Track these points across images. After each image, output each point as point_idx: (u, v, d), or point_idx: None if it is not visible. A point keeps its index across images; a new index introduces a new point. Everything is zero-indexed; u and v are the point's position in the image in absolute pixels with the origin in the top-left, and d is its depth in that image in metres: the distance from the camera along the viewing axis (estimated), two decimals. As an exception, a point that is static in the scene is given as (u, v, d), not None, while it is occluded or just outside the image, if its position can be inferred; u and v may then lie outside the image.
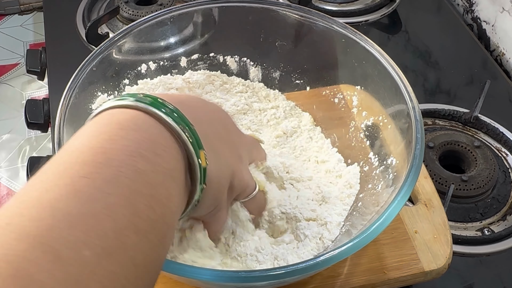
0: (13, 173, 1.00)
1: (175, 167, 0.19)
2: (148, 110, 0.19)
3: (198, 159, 0.20)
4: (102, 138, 0.17)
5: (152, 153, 0.18)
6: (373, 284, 0.31)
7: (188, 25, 0.40)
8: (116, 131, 0.18)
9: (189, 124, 0.20)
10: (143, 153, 0.17)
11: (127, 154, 0.17)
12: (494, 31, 0.59)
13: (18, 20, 1.27)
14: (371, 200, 0.32)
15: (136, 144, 0.17)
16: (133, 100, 0.19)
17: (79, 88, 0.32)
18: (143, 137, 0.18)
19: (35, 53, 0.57)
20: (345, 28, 0.35)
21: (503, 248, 0.39)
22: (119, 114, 0.19)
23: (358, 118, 0.37)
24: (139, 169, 0.17)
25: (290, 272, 0.23)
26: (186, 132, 0.19)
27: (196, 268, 0.24)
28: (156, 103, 0.19)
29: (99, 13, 0.60)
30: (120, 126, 0.18)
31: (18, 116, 1.05)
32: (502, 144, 0.47)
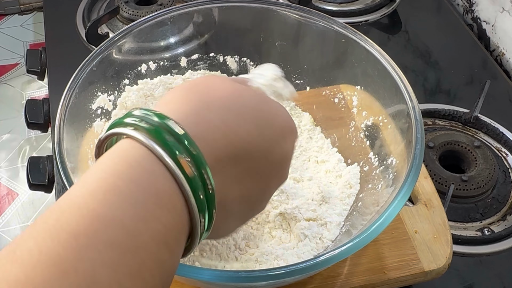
0: (13, 173, 1.00)
1: (184, 235, 0.17)
2: (161, 157, 0.17)
3: (200, 227, 0.17)
4: (129, 210, 0.15)
5: (175, 242, 0.16)
6: (373, 284, 0.31)
7: (188, 25, 0.40)
8: (152, 206, 0.16)
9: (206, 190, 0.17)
10: (169, 242, 0.16)
11: (157, 242, 0.15)
12: (494, 31, 0.59)
13: (18, 20, 1.27)
14: (371, 200, 0.32)
15: (167, 231, 0.16)
16: (147, 132, 0.17)
17: (79, 88, 0.32)
18: (174, 220, 0.16)
19: (35, 53, 0.57)
20: (345, 28, 0.35)
21: (503, 248, 0.39)
22: (134, 166, 0.16)
23: (358, 118, 0.37)
24: (160, 260, 0.15)
25: (290, 272, 0.23)
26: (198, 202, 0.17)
27: (196, 268, 0.24)
28: (170, 145, 0.17)
29: (99, 13, 0.60)
30: (156, 201, 0.16)
31: (18, 116, 1.05)
32: (502, 144, 0.47)
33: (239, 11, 0.38)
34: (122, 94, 0.36)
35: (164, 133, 0.17)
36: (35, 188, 0.46)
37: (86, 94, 0.33)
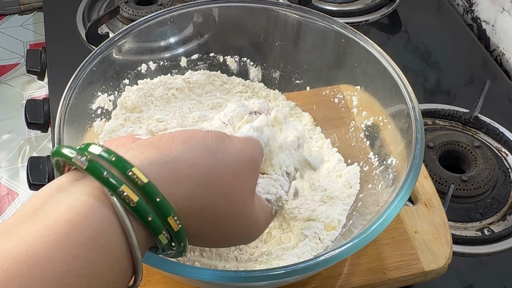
0: (13, 173, 1.00)
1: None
2: (108, 198, 0.16)
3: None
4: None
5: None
6: (373, 284, 0.31)
7: (188, 25, 0.40)
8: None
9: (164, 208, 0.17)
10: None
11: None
12: (494, 31, 0.59)
13: (18, 20, 1.27)
14: (371, 200, 0.32)
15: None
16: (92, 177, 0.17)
17: (79, 88, 0.32)
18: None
19: (35, 53, 0.57)
20: (345, 28, 0.35)
21: (503, 248, 0.39)
22: (77, 225, 0.16)
23: (358, 118, 0.37)
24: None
25: (290, 272, 0.23)
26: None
27: (196, 268, 0.24)
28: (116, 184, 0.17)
29: (99, 13, 0.60)
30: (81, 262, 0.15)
31: (18, 116, 1.05)
32: (502, 144, 0.47)
33: (239, 11, 0.38)
34: (122, 94, 0.36)
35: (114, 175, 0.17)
36: (35, 188, 0.46)
37: (86, 94, 0.33)
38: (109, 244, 0.16)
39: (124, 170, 0.17)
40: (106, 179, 0.17)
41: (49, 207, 0.16)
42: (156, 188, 0.17)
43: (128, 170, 0.17)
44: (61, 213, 0.16)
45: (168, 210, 0.18)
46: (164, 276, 0.30)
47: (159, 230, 0.18)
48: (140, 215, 0.17)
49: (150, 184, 0.17)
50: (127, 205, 0.17)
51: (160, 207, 0.17)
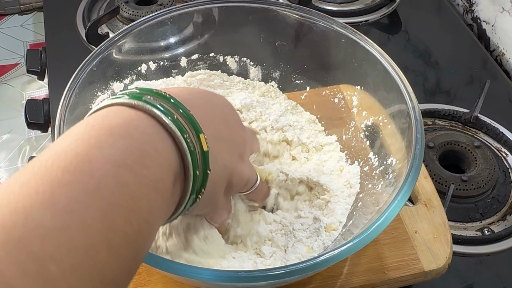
0: (13, 173, 1.00)
1: (161, 177, 0.18)
2: (146, 108, 0.18)
3: (196, 171, 0.19)
4: (90, 144, 0.17)
5: (138, 164, 0.17)
6: (373, 284, 0.31)
7: (188, 25, 0.40)
8: (106, 137, 0.17)
9: (192, 119, 0.20)
10: (129, 164, 0.17)
11: (113, 164, 0.16)
12: (494, 31, 0.59)
13: (18, 20, 1.27)
14: (371, 200, 0.32)
15: (123, 154, 0.17)
16: (129, 98, 0.19)
17: (79, 88, 0.32)
18: (132, 146, 0.17)
19: (35, 53, 0.57)
20: (345, 28, 0.35)
21: (503, 248, 0.39)
22: (112, 117, 0.18)
23: (358, 118, 0.37)
24: (121, 181, 0.16)
25: (289, 272, 0.23)
26: (186, 136, 0.19)
27: (196, 268, 0.24)
28: (153, 101, 0.19)
29: (99, 13, 0.60)
30: (111, 132, 0.17)
31: (18, 116, 1.05)
32: (502, 144, 0.47)
33: (239, 11, 0.38)
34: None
35: (147, 93, 0.19)
36: (35, 188, 0.46)
37: (86, 94, 0.33)
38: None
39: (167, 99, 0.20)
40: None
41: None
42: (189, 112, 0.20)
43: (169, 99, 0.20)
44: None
45: (199, 129, 0.20)
46: (164, 276, 0.30)
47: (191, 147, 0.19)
48: (180, 129, 0.19)
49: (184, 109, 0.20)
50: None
51: (194, 124, 0.20)
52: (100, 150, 0.16)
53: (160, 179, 0.18)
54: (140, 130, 0.18)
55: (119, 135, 0.17)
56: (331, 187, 0.34)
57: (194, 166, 0.19)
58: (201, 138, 0.20)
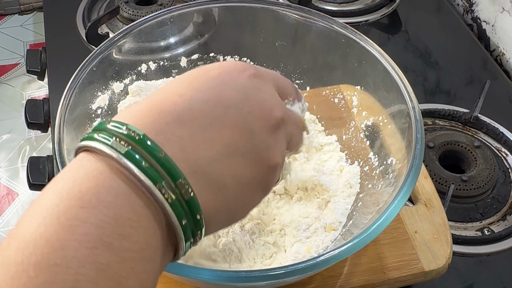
0: (13, 173, 1.00)
1: (147, 242, 0.16)
2: (115, 158, 0.16)
3: (181, 220, 0.16)
4: (60, 223, 0.15)
5: (117, 237, 0.15)
6: (373, 284, 0.31)
7: (188, 25, 0.40)
8: (76, 211, 0.15)
9: (166, 163, 0.16)
10: (107, 241, 0.15)
11: (88, 246, 0.14)
12: (494, 31, 0.58)
13: (18, 20, 1.27)
14: (371, 200, 0.32)
15: (97, 230, 0.15)
16: (99, 142, 0.16)
17: (79, 88, 0.32)
18: (107, 216, 0.15)
19: (35, 53, 0.57)
20: (345, 28, 0.35)
21: (503, 248, 0.39)
22: (83, 178, 0.16)
23: (358, 118, 0.37)
24: (101, 266, 0.14)
25: (289, 272, 0.23)
26: (166, 189, 0.16)
27: (196, 268, 0.24)
28: (121, 146, 0.16)
29: (99, 13, 0.60)
30: (81, 203, 0.15)
31: (18, 116, 1.05)
32: (502, 144, 0.47)
33: (239, 11, 0.38)
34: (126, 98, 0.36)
35: (128, 135, 0.16)
36: (35, 188, 0.46)
37: (86, 94, 0.33)
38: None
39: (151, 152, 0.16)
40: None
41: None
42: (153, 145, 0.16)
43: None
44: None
45: (176, 174, 0.16)
46: (164, 276, 0.30)
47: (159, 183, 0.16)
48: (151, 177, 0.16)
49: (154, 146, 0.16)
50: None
51: (168, 169, 0.16)
52: (72, 230, 0.14)
53: (146, 244, 0.16)
54: (114, 192, 0.15)
55: (91, 205, 0.15)
56: (331, 187, 0.34)
57: (179, 216, 0.16)
58: (179, 185, 0.16)
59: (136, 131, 0.16)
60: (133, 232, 0.15)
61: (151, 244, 0.16)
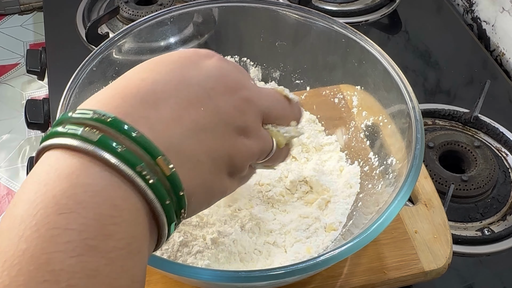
0: (13, 173, 1.00)
1: (132, 235, 0.15)
2: (87, 150, 0.15)
3: (165, 201, 0.16)
4: (41, 235, 0.14)
5: (101, 238, 0.14)
6: (373, 284, 0.31)
7: (188, 25, 0.40)
8: (55, 219, 0.14)
9: (143, 142, 0.15)
10: (91, 244, 0.14)
11: (74, 256, 0.14)
12: (494, 31, 0.58)
13: (18, 20, 1.27)
14: (371, 200, 0.32)
15: (80, 234, 0.14)
16: (66, 136, 0.15)
17: (79, 88, 0.32)
18: (87, 218, 0.14)
19: (35, 53, 0.57)
20: (345, 28, 0.35)
21: (503, 248, 0.39)
22: (55, 180, 0.15)
23: (358, 118, 0.37)
24: (90, 272, 0.14)
25: (289, 272, 0.23)
26: (146, 170, 0.15)
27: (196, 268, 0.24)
28: (91, 135, 0.15)
29: (99, 13, 0.60)
30: (58, 209, 0.14)
31: (18, 116, 1.05)
32: (502, 144, 0.47)
33: (239, 11, 0.38)
34: None
35: (96, 123, 0.16)
36: (35, 188, 0.46)
37: (86, 94, 0.33)
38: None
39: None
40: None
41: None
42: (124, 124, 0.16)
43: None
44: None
45: (155, 152, 0.16)
46: (164, 276, 0.30)
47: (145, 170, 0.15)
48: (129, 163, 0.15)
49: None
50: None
51: (147, 148, 0.16)
52: (54, 241, 0.14)
53: (131, 239, 0.15)
54: (90, 190, 0.15)
55: (68, 209, 0.14)
56: (331, 187, 0.34)
57: (162, 198, 0.16)
58: (159, 162, 0.16)
59: (106, 114, 0.16)
60: (117, 229, 0.15)
61: (137, 237, 0.15)
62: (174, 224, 0.17)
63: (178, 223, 0.17)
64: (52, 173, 0.15)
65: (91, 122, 0.16)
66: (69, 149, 0.15)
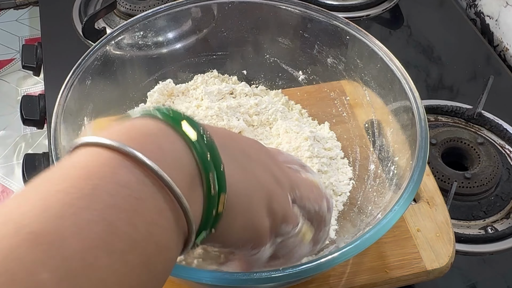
0: (8, 170, 0.99)
1: (172, 176, 0.16)
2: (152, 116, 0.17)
3: (208, 162, 0.17)
4: (88, 151, 0.16)
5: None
6: (375, 283, 0.30)
7: (187, 20, 0.39)
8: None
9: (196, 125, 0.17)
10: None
11: (108, 165, 0.15)
12: (497, 26, 0.58)
13: (13, 15, 1.25)
14: (371, 198, 0.31)
15: (120, 154, 0.15)
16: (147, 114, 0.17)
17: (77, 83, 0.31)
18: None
19: (31, 48, 0.56)
20: (346, 24, 0.35)
21: (507, 246, 0.39)
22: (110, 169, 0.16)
23: (360, 115, 0.37)
24: (120, 181, 0.15)
25: (292, 274, 0.22)
26: (192, 127, 0.17)
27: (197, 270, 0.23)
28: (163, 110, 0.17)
29: (95, 8, 0.59)
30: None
31: (14, 113, 1.04)
32: (506, 141, 0.47)
33: (238, 6, 0.38)
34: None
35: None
36: (31, 186, 0.45)
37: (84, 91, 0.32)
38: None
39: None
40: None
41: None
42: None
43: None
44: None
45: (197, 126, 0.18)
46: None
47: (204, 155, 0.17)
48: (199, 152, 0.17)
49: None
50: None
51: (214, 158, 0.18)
52: (97, 152, 0.16)
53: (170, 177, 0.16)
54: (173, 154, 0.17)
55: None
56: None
57: (206, 166, 0.17)
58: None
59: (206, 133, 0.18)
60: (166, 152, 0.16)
61: (177, 178, 0.16)
62: (217, 206, 0.17)
63: (218, 217, 0.18)
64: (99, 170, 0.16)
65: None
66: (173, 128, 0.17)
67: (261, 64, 0.40)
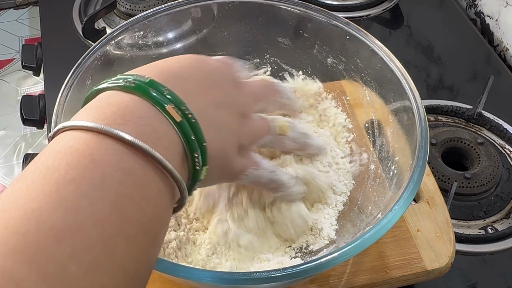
0: (8, 170, 0.99)
1: (168, 158, 0.17)
2: (142, 96, 0.18)
3: (197, 150, 0.19)
4: (89, 137, 0.16)
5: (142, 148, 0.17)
6: (375, 283, 0.30)
7: (187, 20, 0.39)
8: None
9: (185, 111, 0.19)
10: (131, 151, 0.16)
11: (113, 154, 0.16)
12: (497, 26, 0.58)
13: (13, 15, 1.25)
14: (371, 198, 0.31)
15: (121, 142, 0.16)
16: (128, 83, 0.18)
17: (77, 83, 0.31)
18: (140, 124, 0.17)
19: (31, 48, 0.56)
20: (346, 24, 0.35)
21: (507, 246, 0.39)
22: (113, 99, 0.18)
23: (359, 115, 0.37)
24: (125, 169, 0.16)
25: (290, 274, 0.22)
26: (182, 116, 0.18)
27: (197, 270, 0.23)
28: (149, 86, 0.18)
29: (95, 8, 0.59)
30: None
31: (14, 113, 1.05)
32: (506, 141, 0.47)
33: (238, 6, 0.38)
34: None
35: (136, 81, 0.19)
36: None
37: (84, 90, 0.32)
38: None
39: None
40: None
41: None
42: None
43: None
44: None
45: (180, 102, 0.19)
46: (162, 275, 0.29)
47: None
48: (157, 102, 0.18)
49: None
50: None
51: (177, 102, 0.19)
52: (100, 139, 0.16)
53: (167, 159, 0.17)
54: (140, 113, 0.18)
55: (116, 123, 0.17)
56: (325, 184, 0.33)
57: (187, 135, 0.19)
58: (182, 109, 0.19)
59: (144, 76, 0.19)
60: (156, 147, 0.17)
61: (172, 159, 0.18)
62: (205, 169, 0.19)
63: (198, 180, 0.20)
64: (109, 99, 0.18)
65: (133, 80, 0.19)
66: (123, 91, 0.18)
67: (261, 64, 0.40)
